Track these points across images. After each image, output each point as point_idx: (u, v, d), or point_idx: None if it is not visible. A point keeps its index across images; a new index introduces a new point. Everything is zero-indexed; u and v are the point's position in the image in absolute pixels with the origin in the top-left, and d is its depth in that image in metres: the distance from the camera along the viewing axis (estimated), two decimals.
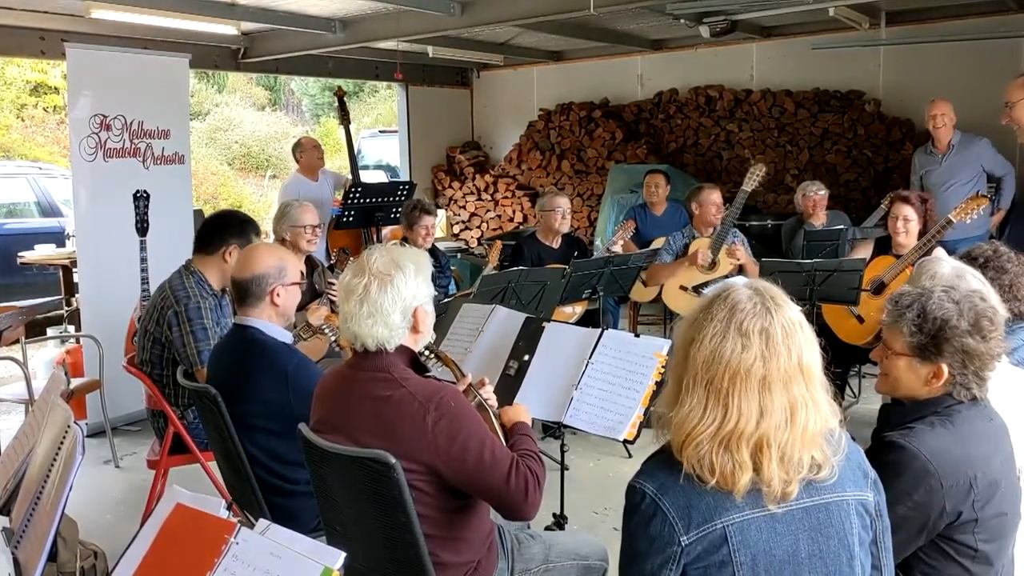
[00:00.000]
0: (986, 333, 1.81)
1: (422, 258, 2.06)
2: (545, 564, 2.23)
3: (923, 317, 1.83)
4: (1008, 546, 1.83)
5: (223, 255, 3.26)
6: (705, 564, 1.38)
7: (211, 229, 3.32)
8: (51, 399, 1.98)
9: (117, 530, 3.49)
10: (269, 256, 2.66)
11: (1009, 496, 1.81)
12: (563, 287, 4.29)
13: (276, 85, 19.41)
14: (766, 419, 1.37)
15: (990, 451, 1.79)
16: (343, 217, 5.72)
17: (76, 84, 4.85)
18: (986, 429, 1.83)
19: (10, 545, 1.67)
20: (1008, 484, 1.81)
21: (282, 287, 2.62)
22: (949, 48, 6.41)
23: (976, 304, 1.83)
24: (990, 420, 1.85)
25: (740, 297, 1.42)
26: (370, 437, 1.89)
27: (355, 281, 1.95)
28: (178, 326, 3.13)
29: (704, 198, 4.98)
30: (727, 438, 1.36)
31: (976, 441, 1.79)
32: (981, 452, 1.77)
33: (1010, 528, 1.82)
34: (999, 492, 1.76)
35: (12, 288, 7.40)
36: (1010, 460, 1.84)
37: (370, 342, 1.95)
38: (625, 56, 8.03)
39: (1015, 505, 1.84)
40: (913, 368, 1.85)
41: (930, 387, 1.85)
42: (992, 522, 1.76)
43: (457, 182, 8.84)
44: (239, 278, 2.61)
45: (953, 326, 1.80)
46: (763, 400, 1.37)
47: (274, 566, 1.29)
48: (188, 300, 3.16)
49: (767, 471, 1.36)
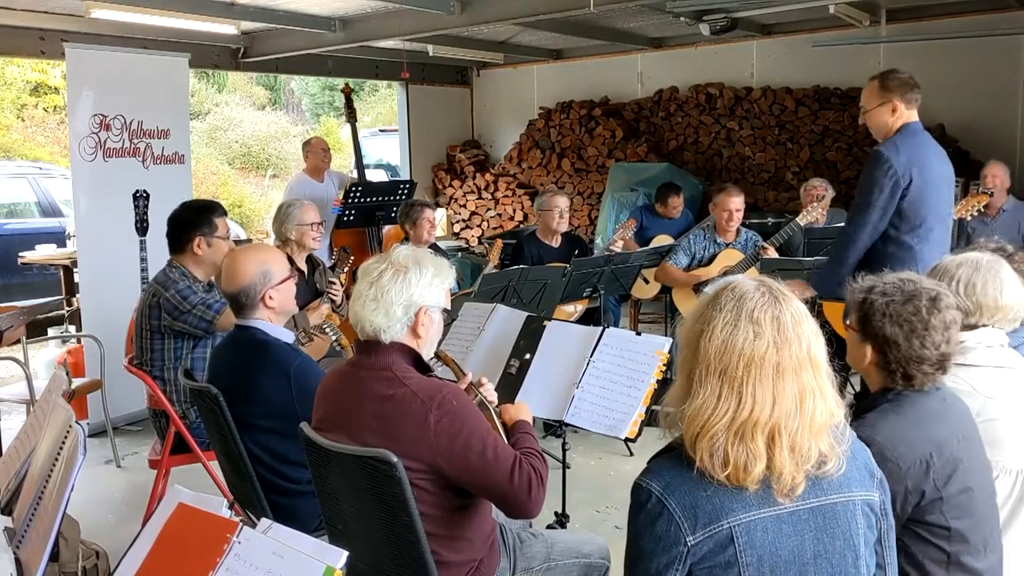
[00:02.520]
0: (911, 332, 1.80)
1: (446, 268, 2.06)
2: (547, 563, 2.23)
3: (868, 293, 1.87)
4: (983, 524, 1.83)
5: (192, 249, 3.30)
6: (711, 564, 1.37)
7: (174, 228, 3.35)
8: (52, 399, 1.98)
9: (119, 530, 3.50)
10: (250, 263, 2.60)
11: (975, 472, 1.81)
12: (564, 286, 4.29)
13: (276, 84, 19.42)
14: (778, 407, 1.37)
15: (945, 430, 1.80)
16: (344, 216, 5.72)
17: (76, 84, 4.85)
18: (939, 409, 1.84)
19: (12, 545, 1.67)
20: (972, 461, 1.81)
21: (272, 289, 2.59)
22: (949, 45, 6.40)
23: (917, 301, 1.82)
24: (943, 401, 1.86)
25: (747, 288, 1.42)
26: (372, 436, 1.89)
27: (374, 266, 1.99)
28: (175, 306, 3.19)
29: (719, 201, 4.86)
30: (742, 427, 1.36)
31: (929, 422, 1.80)
32: (936, 431, 1.79)
33: (982, 504, 1.82)
34: (961, 468, 1.77)
35: (13, 288, 7.40)
36: (973, 439, 1.86)
37: (368, 327, 1.97)
38: (625, 54, 8.03)
39: (983, 482, 1.84)
40: (855, 343, 1.92)
41: (867, 369, 1.90)
42: (958, 498, 1.77)
43: (457, 181, 8.83)
44: (228, 291, 2.60)
45: (876, 309, 1.83)
46: (776, 387, 1.37)
47: (276, 565, 1.28)
48: (176, 284, 3.23)
49: (779, 461, 1.36)
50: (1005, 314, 2.19)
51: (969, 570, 1.80)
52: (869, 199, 3.17)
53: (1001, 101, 6.34)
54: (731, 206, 4.80)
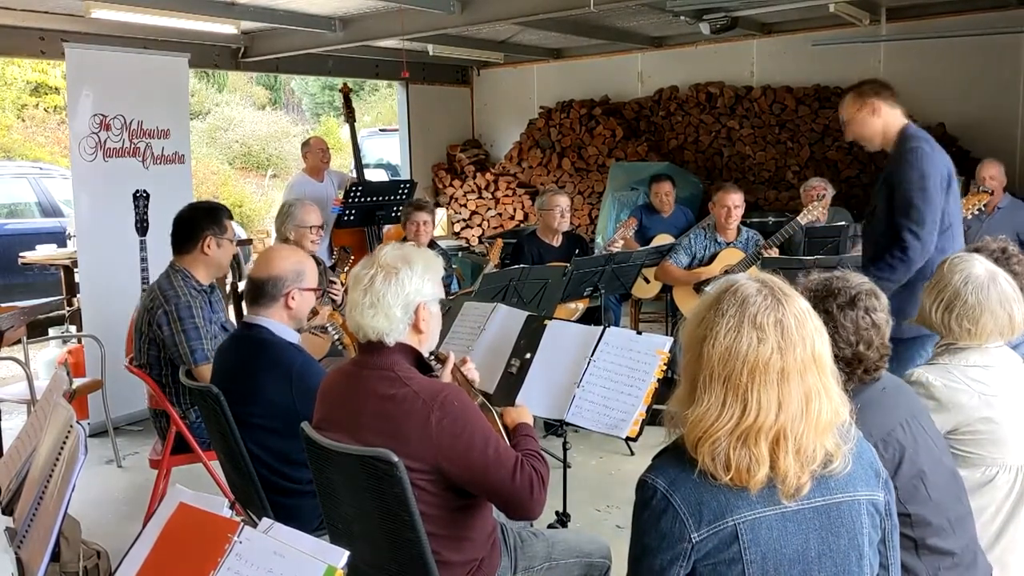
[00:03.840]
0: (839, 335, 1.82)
1: (433, 259, 2.07)
2: (548, 562, 2.23)
3: (839, 279, 1.91)
4: (945, 505, 1.84)
5: (202, 248, 3.27)
6: (715, 561, 1.37)
7: (183, 227, 3.31)
8: (53, 399, 1.99)
9: (120, 530, 3.50)
10: (289, 258, 2.66)
11: (924, 454, 1.83)
12: (564, 285, 4.29)
13: (276, 84, 19.42)
14: (784, 411, 1.36)
15: (886, 418, 1.83)
16: (344, 216, 5.72)
17: (76, 84, 4.85)
18: (878, 399, 1.87)
19: (13, 545, 1.67)
20: (920, 444, 1.83)
21: (298, 291, 2.62)
22: (949, 44, 6.39)
23: (830, 301, 1.85)
24: (882, 391, 1.89)
25: (749, 291, 1.40)
26: (373, 435, 1.89)
27: (363, 272, 1.98)
28: (168, 325, 3.13)
29: (718, 198, 4.89)
30: (745, 432, 1.35)
31: (870, 413, 1.80)
32: (875, 421, 1.80)
33: (939, 485, 1.84)
34: (907, 453, 1.80)
35: (13, 288, 7.40)
36: (919, 422, 1.88)
37: (370, 332, 1.96)
38: (625, 53, 8.02)
39: (936, 463, 1.85)
40: None
41: None
42: (911, 483, 1.80)
43: (458, 180, 8.83)
44: (256, 277, 2.60)
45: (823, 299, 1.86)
46: (781, 392, 1.36)
47: (278, 565, 1.28)
48: (177, 299, 3.16)
49: (783, 465, 1.35)
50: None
51: (940, 551, 1.82)
52: (926, 195, 3.00)
53: (1001, 100, 6.34)
54: (729, 202, 4.81)
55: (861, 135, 3.26)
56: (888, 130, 3.20)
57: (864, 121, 3.22)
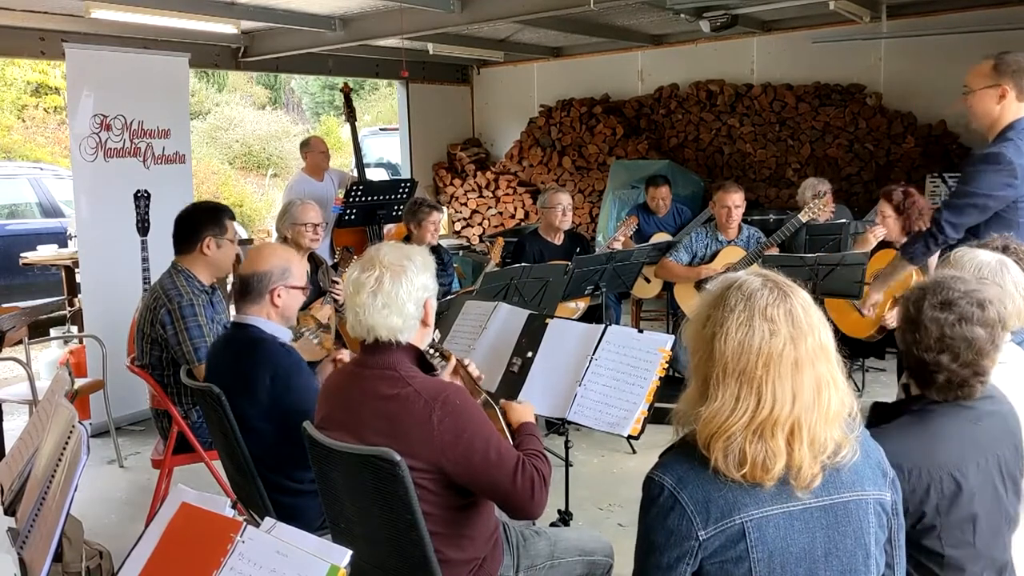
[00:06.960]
0: (949, 350, 1.72)
1: (426, 254, 2.08)
2: (550, 560, 2.23)
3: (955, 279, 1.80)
4: (984, 554, 1.73)
5: (201, 249, 3.26)
6: (722, 559, 1.37)
7: (183, 227, 3.30)
8: (55, 399, 1.99)
9: (122, 530, 3.50)
10: (275, 255, 2.67)
11: (987, 496, 1.72)
12: (566, 283, 4.29)
13: (276, 84, 19.41)
14: (799, 401, 1.36)
15: (965, 453, 1.71)
16: (345, 215, 5.72)
17: (76, 84, 4.85)
18: (965, 431, 1.74)
19: (16, 545, 1.67)
20: (988, 485, 1.72)
21: (284, 288, 2.62)
22: (950, 41, 6.38)
23: (965, 325, 1.73)
24: (975, 422, 1.76)
25: (754, 285, 1.41)
26: (375, 435, 1.89)
27: (365, 275, 1.96)
28: (172, 324, 3.13)
29: (718, 198, 4.87)
30: (761, 426, 1.35)
31: (947, 442, 1.72)
32: (952, 454, 1.70)
33: (986, 533, 1.72)
34: (967, 494, 1.69)
35: (15, 289, 7.40)
36: (998, 463, 1.75)
37: (384, 332, 1.95)
38: (625, 51, 8.01)
39: (993, 511, 1.73)
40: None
41: None
42: (960, 526, 1.69)
43: (458, 179, 8.83)
44: (243, 273, 2.61)
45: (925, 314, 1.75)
46: (795, 382, 1.36)
47: (280, 564, 1.28)
48: (180, 298, 3.15)
49: (798, 455, 1.35)
50: None
51: None
52: (973, 201, 2.95)
53: None
54: (729, 202, 4.80)
55: (977, 111, 3.03)
56: (997, 124, 2.99)
57: (985, 99, 2.97)
